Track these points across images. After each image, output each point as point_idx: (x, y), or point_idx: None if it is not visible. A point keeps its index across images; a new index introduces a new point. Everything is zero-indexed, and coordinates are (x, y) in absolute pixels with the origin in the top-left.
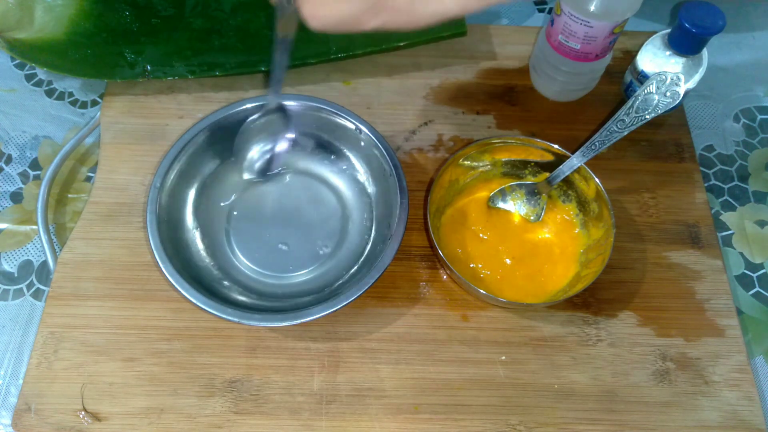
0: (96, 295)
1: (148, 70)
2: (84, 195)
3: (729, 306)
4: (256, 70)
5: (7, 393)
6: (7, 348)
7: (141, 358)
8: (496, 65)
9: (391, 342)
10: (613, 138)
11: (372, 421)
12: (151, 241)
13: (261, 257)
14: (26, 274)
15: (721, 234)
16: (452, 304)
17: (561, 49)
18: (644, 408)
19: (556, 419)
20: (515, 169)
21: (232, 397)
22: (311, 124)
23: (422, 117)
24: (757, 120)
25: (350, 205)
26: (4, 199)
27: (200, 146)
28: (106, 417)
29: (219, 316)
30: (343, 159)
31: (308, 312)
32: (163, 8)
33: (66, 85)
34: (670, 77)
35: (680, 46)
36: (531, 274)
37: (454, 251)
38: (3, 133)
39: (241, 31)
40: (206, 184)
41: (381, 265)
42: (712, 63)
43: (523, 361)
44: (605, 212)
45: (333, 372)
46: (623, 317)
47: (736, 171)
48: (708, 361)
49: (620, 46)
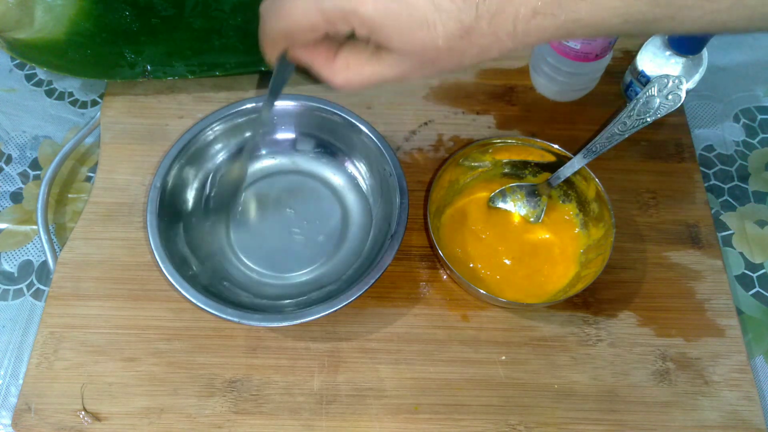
0: (96, 295)
1: (148, 70)
2: (84, 195)
3: (729, 306)
4: (256, 70)
5: (7, 393)
6: (7, 348)
7: (141, 358)
8: (496, 65)
9: (391, 342)
10: (614, 141)
11: (372, 421)
12: (151, 241)
13: (261, 257)
14: (26, 274)
15: (721, 234)
16: (452, 304)
17: (561, 49)
18: (644, 408)
19: (556, 419)
20: (515, 170)
21: (232, 397)
22: (311, 124)
23: (422, 117)
24: (757, 120)
25: (350, 205)
26: (4, 199)
27: (200, 146)
28: (106, 417)
29: (219, 316)
30: (343, 159)
31: (308, 312)
32: (163, 8)
33: (66, 85)
34: (672, 80)
35: (680, 46)
36: (531, 274)
37: (454, 251)
38: (3, 133)
39: (241, 31)
40: (206, 183)
41: (381, 265)
42: (712, 63)
43: (523, 361)
44: (605, 212)
45: (333, 372)
46: (623, 317)
47: (736, 171)
48: (708, 361)
49: (620, 46)
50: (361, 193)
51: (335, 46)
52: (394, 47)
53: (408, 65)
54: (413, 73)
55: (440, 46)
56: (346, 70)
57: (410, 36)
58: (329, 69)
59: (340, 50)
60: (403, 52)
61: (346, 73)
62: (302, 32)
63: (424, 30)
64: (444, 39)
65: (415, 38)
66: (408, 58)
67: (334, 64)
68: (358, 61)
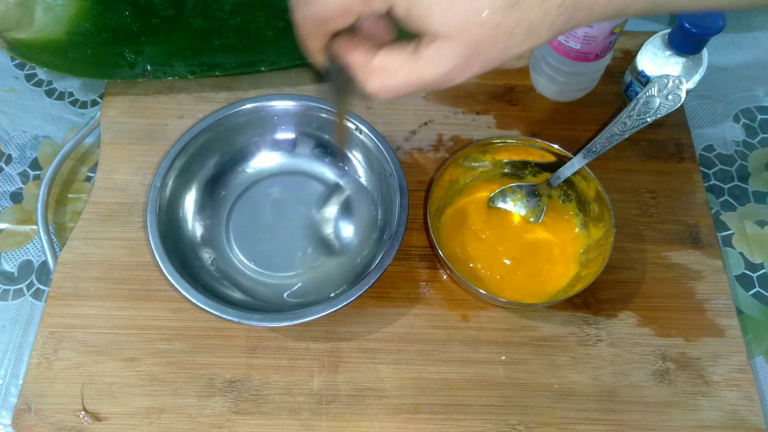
0: (96, 295)
1: (148, 70)
2: (84, 195)
3: (729, 306)
4: (256, 70)
5: (7, 393)
6: (7, 348)
7: (141, 358)
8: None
9: (391, 342)
10: (614, 141)
11: (372, 421)
12: (151, 241)
13: (261, 257)
14: (26, 274)
15: (721, 234)
16: (452, 304)
17: (561, 49)
18: (644, 408)
19: (556, 419)
20: (515, 170)
21: (232, 397)
22: (311, 124)
23: (422, 117)
24: (757, 120)
25: (350, 205)
26: (4, 199)
27: (200, 146)
28: (106, 417)
29: (219, 316)
30: (343, 159)
31: (308, 312)
32: (163, 8)
33: (66, 85)
34: (672, 80)
35: (680, 46)
36: (531, 274)
37: (454, 251)
38: (3, 133)
39: (241, 31)
40: (206, 184)
41: (381, 265)
42: (712, 63)
43: (523, 361)
44: (605, 212)
45: (333, 372)
46: (623, 317)
47: (736, 171)
48: (708, 361)
49: (620, 46)
50: (361, 193)
51: (376, 47)
52: (434, 25)
53: (450, 59)
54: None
55: (485, 21)
56: (381, 73)
57: (452, 8)
58: (365, 70)
59: (379, 52)
60: (444, 31)
61: (382, 77)
62: (335, 16)
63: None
64: (490, 9)
65: (457, 11)
66: (450, 45)
67: (371, 64)
68: (397, 62)
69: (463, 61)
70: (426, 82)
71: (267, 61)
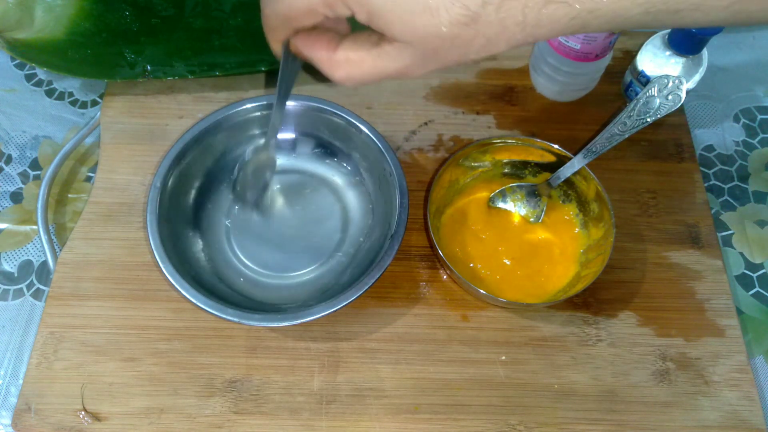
0: (96, 295)
1: (148, 70)
2: (84, 195)
3: (729, 306)
4: (256, 70)
5: (7, 393)
6: (7, 348)
7: (141, 358)
8: (496, 65)
9: (391, 342)
10: (614, 141)
11: (372, 421)
12: (151, 241)
13: (261, 257)
14: (26, 274)
15: (721, 234)
16: (452, 304)
17: (561, 49)
18: (644, 408)
19: (556, 419)
20: (515, 170)
21: (232, 397)
22: (311, 124)
23: (422, 117)
24: (757, 120)
25: (350, 205)
26: (4, 199)
27: (200, 146)
28: (106, 417)
29: (219, 316)
30: (343, 159)
31: (308, 312)
32: (163, 8)
33: (66, 85)
34: (672, 80)
35: (680, 46)
36: (531, 274)
37: (454, 251)
38: (3, 133)
39: (241, 31)
40: (206, 184)
41: (381, 265)
42: (712, 63)
43: (523, 361)
44: (605, 212)
45: (333, 372)
46: (623, 317)
47: (736, 171)
48: (708, 361)
49: (620, 46)
50: (361, 193)
51: (337, 39)
52: (395, 34)
53: (410, 57)
54: (415, 66)
55: (444, 34)
56: (346, 64)
57: (412, 21)
58: (330, 62)
59: (342, 43)
60: (404, 40)
61: (347, 67)
62: (300, 15)
63: (426, 15)
64: (448, 25)
65: (416, 24)
66: (410, 48)
67: (334, 57)
68: (359, 55)
69: (422, 60)
70: (387, 73)
71: (267, 61)
